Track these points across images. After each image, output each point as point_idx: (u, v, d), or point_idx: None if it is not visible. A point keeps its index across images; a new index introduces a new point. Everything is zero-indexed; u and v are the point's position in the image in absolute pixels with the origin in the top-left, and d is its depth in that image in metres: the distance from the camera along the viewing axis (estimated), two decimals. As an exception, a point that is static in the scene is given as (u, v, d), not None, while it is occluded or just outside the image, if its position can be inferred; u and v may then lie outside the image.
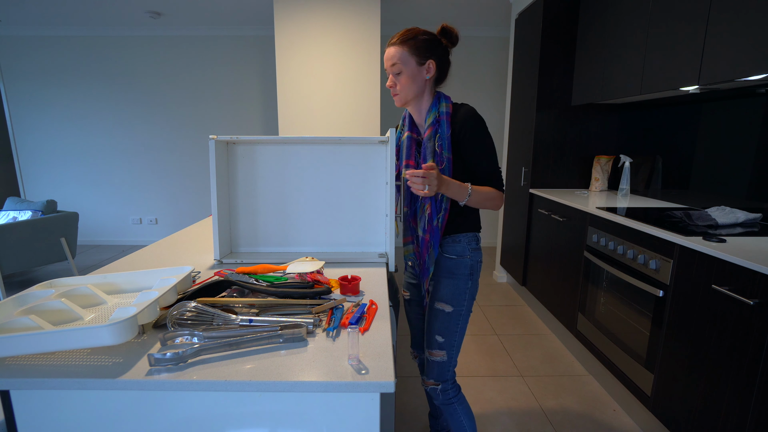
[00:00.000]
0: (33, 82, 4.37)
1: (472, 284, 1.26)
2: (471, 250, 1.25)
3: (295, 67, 3.29)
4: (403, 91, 1.20)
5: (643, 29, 1.98)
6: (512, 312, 2.89)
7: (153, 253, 1.33)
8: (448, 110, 1.18)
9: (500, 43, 4.26)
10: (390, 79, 1.21)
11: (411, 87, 1.19)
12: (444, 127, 1.16)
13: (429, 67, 1.18)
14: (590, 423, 1.76)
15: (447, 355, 1.26)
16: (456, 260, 1.24)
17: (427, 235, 1.22)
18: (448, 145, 1.16)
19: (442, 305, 1.25)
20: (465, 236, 1.25)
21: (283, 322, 0.75)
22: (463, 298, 1.25)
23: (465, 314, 1.26)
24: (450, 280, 1.25)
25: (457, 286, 1.24)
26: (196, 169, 4.62)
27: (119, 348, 0.71)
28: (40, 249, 3.18)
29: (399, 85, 1.20)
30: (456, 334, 1.26)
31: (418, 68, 1.18)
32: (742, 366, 1.18)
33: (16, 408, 0.65)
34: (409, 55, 1.16)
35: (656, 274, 1.55)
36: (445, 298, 1.25)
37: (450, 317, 1.25)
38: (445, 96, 1.23)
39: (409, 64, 1.17)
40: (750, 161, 1.83)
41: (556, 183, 2.81)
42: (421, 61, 1.17)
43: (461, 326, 1.27)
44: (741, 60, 1.45)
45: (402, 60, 1.17)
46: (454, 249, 1.25)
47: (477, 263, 1.27)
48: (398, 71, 1.18)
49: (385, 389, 0.62)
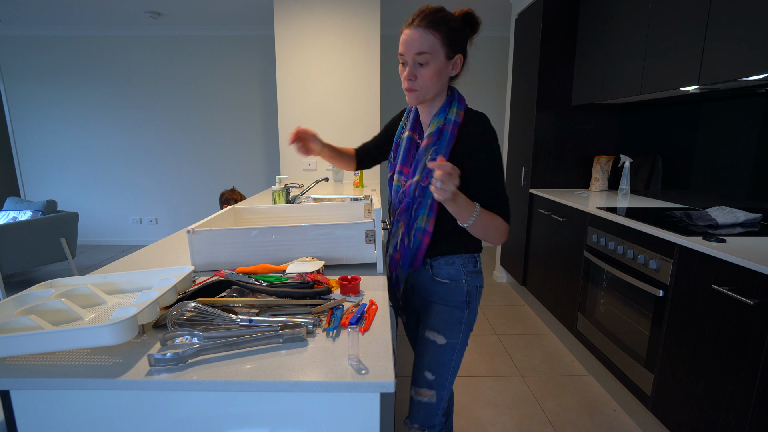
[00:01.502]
0: (33, 82, 4.37)
1: (469, 313, 1.08)
2: (467, 273, 1.07)
3: (295, 67, 3.29)
4: (424, 87, 0.97)
5: (643, 29, 1.98)
6: (512, 312, 2.89)
7: (153, 253, 1.33)
8: (458, 119, 0.99)
9: (500, 43, 4.26)
10: (408, 70, 0.96)
11: (435, 84, 0.97)
12: (445, 140, 0.98)
13: (456, 64, 0.99)
14: (590, 423, 1.76)
15: (436, 396, 1.07)
16: (449, 285, 1.07)
17: (397, 254, 1.09)
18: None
19: (433, 335, 1.07)
20: (460, 258, 1.07)
21: (283, 322, 0.75)
22: (458, 329, 1.07)
23: (460, 348, 1.08)
24: (442, 307, 1.07)
25: (450, 315, 1.07)
26: (196, 169, 4.62)
27: (119, 348, 0.71)
28: (40, 249, 3.18)
29: (420, 79, 0.96)
30: (449, 371, 1.07)
31: (446, 62, 0.97)
32: (742, 366, 1.18)
33: (16, 408, 0.65)
34: (441, 45, 0.94)
35: (656, 274, 1.55)
36: (437, 326, 1.07)
37: (442, 350, 1.06)
38: (459, 98, 1.03)
39: (438, 56, 0.95)
40: (750, 161, 1.83)
41: (556, 183, 2.81)
42: (451, 54, 0.97)
43: (455, 362, 1.08)
44: (741, 60, 1.45)
45: (432, 49, 0.94)
46: (447, 272, 1.07)
47: (475, 289, 1.08)
48: (425, 61, 0.94)
49: (385, 389, 0.62)
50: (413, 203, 1.05)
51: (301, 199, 2.14)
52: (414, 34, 0.94)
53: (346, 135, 3.37)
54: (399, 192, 1.09)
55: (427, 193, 1.01)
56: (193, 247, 1.08)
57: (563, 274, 2.33)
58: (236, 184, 4.55)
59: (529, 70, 2.81)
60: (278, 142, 4.47)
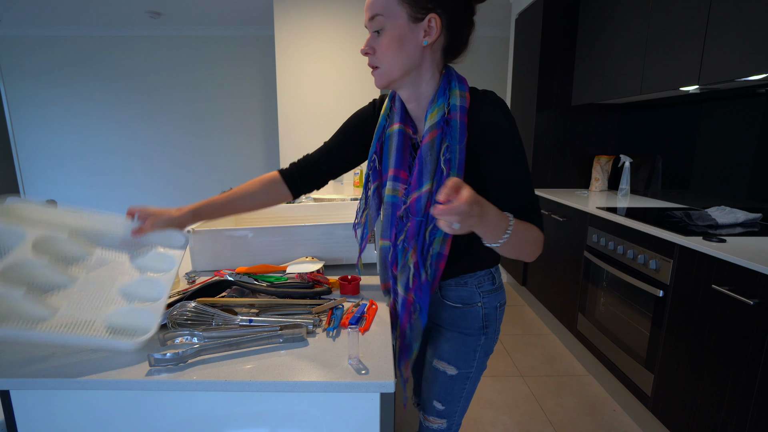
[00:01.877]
0: (33, 82, 4.37)
1: (486, 339, 0.89)
2: (483, 294, 0.88)
3: (295, 67, 3.29)
4: (384, 61, 0.75)
5: (643, 29, 1.98)
6: (512, 312, 2.89)
7: (153, 253, 1.33)
8: (464, 103, 0.76)
9: (500, 43, 4.26)
10: (366, 42, 0.77)
11: (397, 56, 0.74)
12: (456, 132, 0.75)
13: (430, 26, 0.73)
14: (590, 423, 1.76)
15: (447, 424, 0.94)
16: (462, 310, 0.88)
17: (410, 294, 0.80)
18: (460, 162, 0.75)
19: (443, 365, 0.90)
20: (474, 277, 0.87)
21: (283, 322, 0.75)
22: (472, 357, 0.89)
23: (474, 376, 0.91)
24: (454, 334, 0.90)
25: (463, 344, 0.89)
26: (197, 169, 4.62)
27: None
28: (40, 249, 3.17)
29: (378, 51, 0.76)
30: (460, 400, 0.92)
31: (411, 26, 0.73)
32: (742, 366, 1.18)
33: (16, 408, 0.65)
34: (398, 3, 0.72)
35: (656, 274, 1.55)
36: (446, 356, 0.90)
37: (453, 381, 0.90)
38: (459, 77, 0.79)
39: (396, 18, 0.72)
40: (750, 161, 1.83)
41: (556, 183, 2.81)
42: (418, 15, 0.72)
43: (468, 390, 0.92)
44: (741, 60, 1.45)
45: (386, 9, 0.72)
46: (458, 295, 0.88)
47: (495, 310, 0.89)
48: (380, 27, 0.74)
49: (385, 389, 0.62)
50: (426, 223, 0.79)
51: (301, 199, 2.14)
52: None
53: (346, 135, 3.36)
54: (399, 207, 0.81)
55: None
56: (193, 247, 1.08)
57: (563, 274, 2.33)
58: (236, 184, 4.55)
59: (529, 70, 2.81)
60: (278, 142, 4.47)
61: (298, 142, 3.37)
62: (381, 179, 0.87)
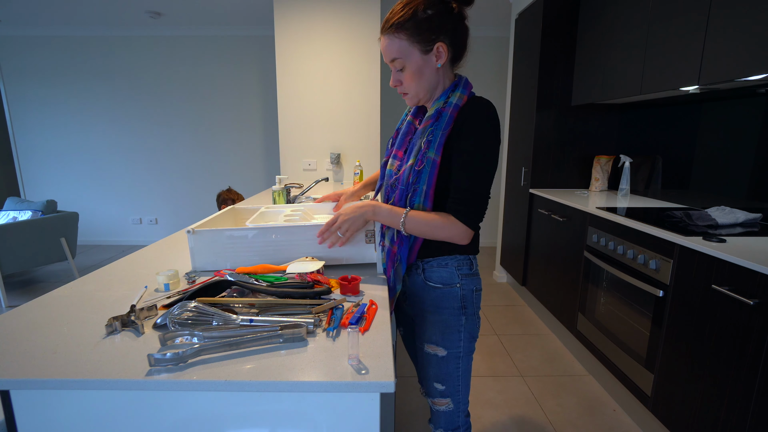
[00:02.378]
0: (33, 82, 4.37)
1: (467, 320, 1.00)
2: (462, 276, 0.99)
3: (295, 67, 3.29)
4: (411, 89, 0.95)
5: (643, 29, 1.98)
6: (512, 312, 2.89)
7: (153, 253, 1.33)
8: (459, 102, 0.91)
9: (500, 43, 4.27)
10: (393, 77, 0.96)
11: (420, 83, 0.93)
12: (443, 122, 0.91)
13: (439, 52, 0.90)
14: (590, 423, 1.76)
15: (452, 402, 1.03)
16: (442, 290, 1.00)
17: (394, 246, 0.99)
18: (438, 144, 0.90)
19: (432, 348, 1.01)
20: (454, 259, 0.99)
21: (283, 322, 0.75)
22: (457, 338, 1.00)
23: (465, 356, 1.01)
24: (437, 317, 1.00)
25: (447, 324, 0.99)
26: (196, 169, 4.62)
27: (119, 348, 0.71)
28: (40, 249, 3.18)
29: (405, 83, 0.94)
30: (458, 378, 1.02)
31: (424, 57, 0.90)
32: (742, 366, 1.18)
33: (16, 408, 0.65)
34: (410, 44, 0.89)
35: (656, 274, 1.55)
36: (434, 338, 1.01)
37: (446, 362, 1.01)
38: (465, 84, 0.95)
39: (411, 56, 0.90)
40: (750, 161, 1.83)
41: (556, 183, 2.81)
42: (427, 48, 0.90)
43: (463, 368, 1.02)
44: (741, 60, 1.45)
45: (402, 53, 0.90)
46: (440, 276, 0.99)
47: (471, 293, 1.01)
48: (400, 67, 0.93)
49: (385, 389, 0.62)
50: (407, 190, 0.96)
51: (301, 199, 2.14)
52: (384, 42, 0.92)
53: (346, 135, 3.37)
54: (392, 177, 1.02)
55: (421, 178, 0.92)
56: (193, 247, 1.08)
57: (563, 274, 2.33)
58: (236, 184, 4.55)
59: (529, 70, 2.81)
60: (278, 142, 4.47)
61: (298, 142, 3.37)
62: (388, 156, 1.07)
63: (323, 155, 3.38)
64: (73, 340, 0.73)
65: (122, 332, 0.76)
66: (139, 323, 0.76)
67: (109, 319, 0.76)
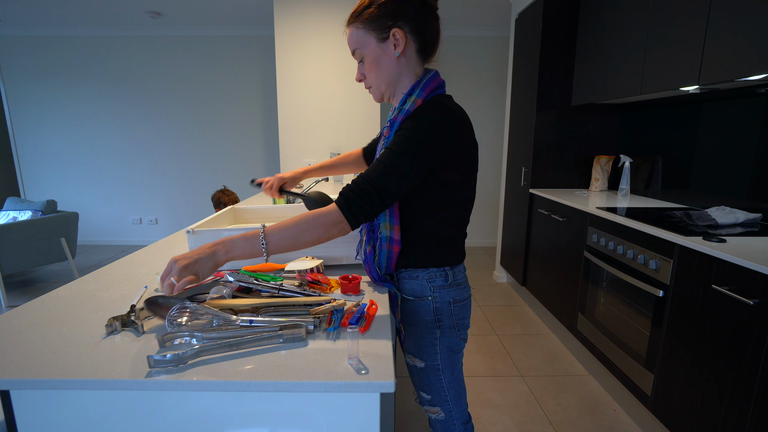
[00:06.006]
0: (33, 82, 4.37)
1: (442, 333, 0.93)
2: (435, 289, 0.92)
3: (295, 67, 3.29)
4: (373, 83, 0.90)
5: (643, 29, 1.98)
6: (512, 312, 2.89)
7: (153, 253, 1.33)
8: (412, 108, 0.84)
9: (500, 43, 4.27)
10: (357, 70, 0.92)
11: (379, 74, 0.88)
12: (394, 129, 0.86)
13: (396, 39, 0.84)
14: (590, 423, 1.76)
15: (443, 411, 0.98)
16: (414, 303, 0.94)
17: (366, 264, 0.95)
18: None
19: (411, 359, 0.98)
20: (425, 272, 0.92)
21: (283, 322, 0.75)
22: (433, 351, 0.94)
23: (446, 369, 0.96)
24: (413, 328, 0.95)
25: (421, 337, 0.94)
26: (196, 169, 4.62)
27: (119, 348, 0.71)
28: (40, 249, 3.18)
29: (367, 77, 0.90)
30: (442, 390, 0.97)
31: (381, 46, 0.85)
32: (742, 366, 1.18)
33: (16, 408, 0.65)
34: (366, 33, 0.85)
35: (656, 274, 1.55)
36: (411, 350, 0.97)
37: (426, 373, 0.96)
38: (426, 84, 0.86)
39: (368, 45, 0.86)
40: (750, 161, 1.83)
41: (556, 183, 2.81)
42: (383, 35, 0.84)
43: (447, 381, 0.96)
44: (741, 60, 1.45)
45: (359, 42, 0.86)
46: (411, 287, 0.94)
47: (446, 306, 0.93)
48: (359, 58, 0.89)
49: (385, 389, 0.62)
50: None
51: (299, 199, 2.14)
52: (347, 35, 0.90)
53: (346, 135, 3.37)
54: None
55: None
56: (192, 247, 1.08)
57: (563, 274, 2.33)
58: (236, 184, 4.55)
59: (529, 70, 2.81)
60: (278, 142, 4.47)
61: (298, 142, 3.37)
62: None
63: (323, 155, 3.38)
64: (73, 340, 0.73)
65: (122, 332, 0.76)
66: (139, 323, 0.76)
67: (109, 319, 0.76)
